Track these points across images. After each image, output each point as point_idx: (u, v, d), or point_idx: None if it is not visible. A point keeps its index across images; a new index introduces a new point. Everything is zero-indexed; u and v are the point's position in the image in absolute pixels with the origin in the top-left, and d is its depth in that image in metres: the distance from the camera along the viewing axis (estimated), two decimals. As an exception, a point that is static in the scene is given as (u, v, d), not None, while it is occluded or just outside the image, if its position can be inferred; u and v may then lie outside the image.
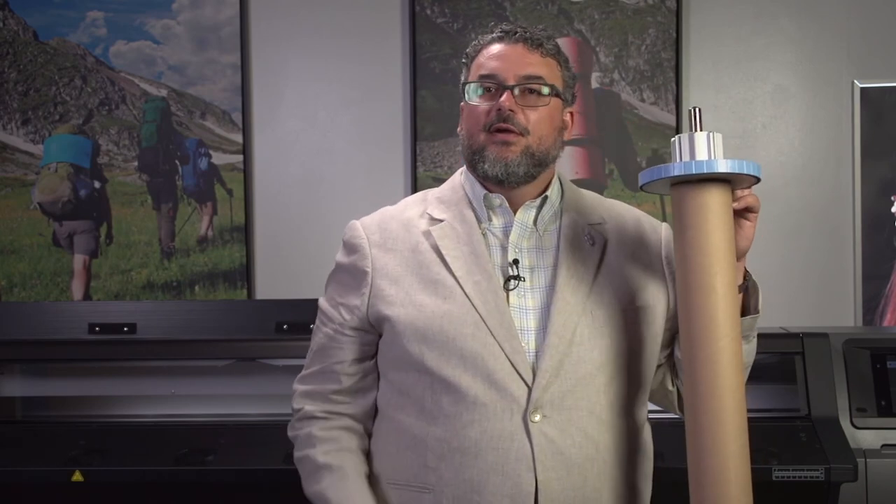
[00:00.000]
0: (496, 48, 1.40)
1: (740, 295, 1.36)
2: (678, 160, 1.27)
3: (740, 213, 1.32)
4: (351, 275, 1.45)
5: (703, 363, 1.25)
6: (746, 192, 1.31)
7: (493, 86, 1.38)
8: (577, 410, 1.35)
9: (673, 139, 1.30)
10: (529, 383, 1.33)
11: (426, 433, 1.36)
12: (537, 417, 1.32)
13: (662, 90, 2.94)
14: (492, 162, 1.37)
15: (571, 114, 1.47)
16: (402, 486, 1.38)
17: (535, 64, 1.39)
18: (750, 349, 1.44)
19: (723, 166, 1.24)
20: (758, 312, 1.39)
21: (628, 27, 2.94)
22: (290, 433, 1.51)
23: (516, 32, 1.40)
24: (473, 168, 1.42)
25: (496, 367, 1.33)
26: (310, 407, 1.47)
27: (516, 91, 1.37)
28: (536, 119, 1.38)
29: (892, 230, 2.88)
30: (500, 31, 1.42)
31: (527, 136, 1.37)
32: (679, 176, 1.26)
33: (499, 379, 1.33)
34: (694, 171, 1.24)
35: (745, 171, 1.25)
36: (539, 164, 1.39)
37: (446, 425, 1.34)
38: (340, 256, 1.49)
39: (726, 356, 1.25)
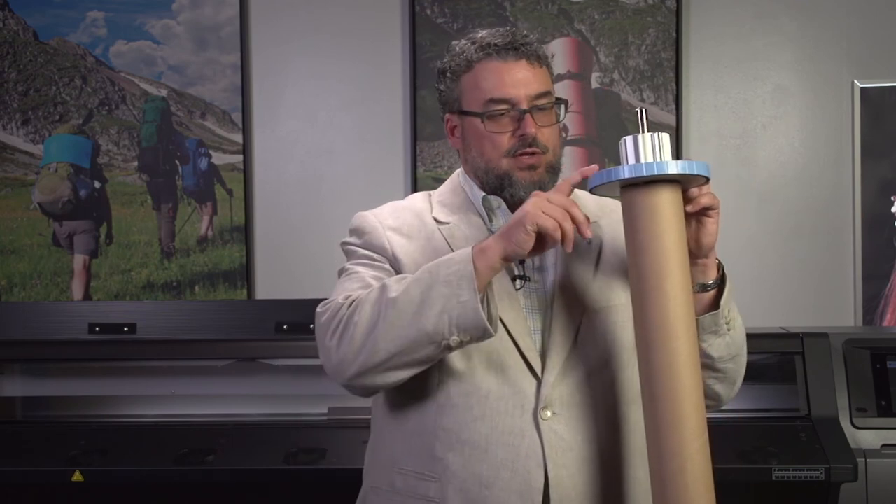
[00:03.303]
0: (496, 66, 1.38)
1: (714, 291, 1.35)
2: (626, 162, 1.25)
3: (700, 212, 1.29)
4: (370, 248, 1.41)
5: (659, 365, 1.24)
6: (704, 189, 1.28)
7: (505, 110, 1.37)
8: (584, 407, 1.36)
9: (620, 141, 1.28)
10: (539, 380, 1.34)
11: (434, 423, 1.35)
12: (548, 414, 1.33)
13: (662, 90, 2.94)
14: (525, 188, 1.37)
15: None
16: (408, 473, 1.38)
17: (539, 78, 1.39)
18: (726, 343, 1.38)
19: (672, 168, 1.22)
20: (718, 308, 1.34)
21: (628, 27, 2.94)
22: (325, 316, 1.31)
23: (517, 49, 1.38)
24: (499, 191, 1.40)
25: (510, 364, 1.34)
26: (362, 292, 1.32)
27: (532, 112, 1.37)
28: (551, 134, 1.40)
29: (892, 230, 2.88)
30: (495, 46, 1.38)
31: (547, 153, 1.39)
32: (628, 179, 1.24)
33: (511, 375, 1.34)
34: (644, 174, 1.22)
35: (694, 172, 1.23)
36: (557, 172, 1.42)
37: (454, 416, 1.34)
38: (351, 238, 1.45)
39: (682, 357, 1.23)
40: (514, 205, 1.40)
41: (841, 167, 2.91)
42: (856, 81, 2.89)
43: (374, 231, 1.42)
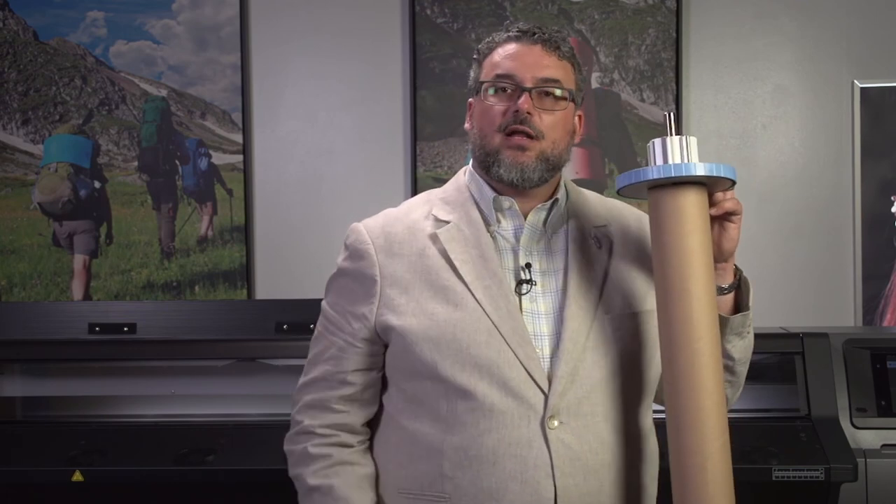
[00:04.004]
0: (512, 48, 1.38)
1: (732, 293, 1.38)
2: (654, 164, 1.28)
3: (723, 217, 1.32)
4: (358, 281, 1.41)
5: (682, 364, 1.26)
6: (728, 195, 1.31)
7: (509, 86, 1.37)
8: (592, 416, 1.34)
9: (648, 143, 1.30)
10: (546, 390, 1.32)
11: (442, 442, 1.34)
12: (555, 424, 1.32)
13: (662, 90, 2.94)
14: (507, 167, 1.36)
15: (580, 116, 1.45)
16: (416, 496, 1.36)
17: (553, 66, 1.37)
18: (745, 345, 1.43)
19: (699, 170, 1.25)
20: (748, 309, 1.39)
21: (628, 27, 2.94)
22: (286, 446, 1.48)
23: (534, 33, 1.38)
24: (486, 169, 1.39)
25: (511, 375, 1.32)
26: (309, 421, 1.44)
27: (533, 93, 1.35)
28: (551, 123, 1.37)
29: (892, 230, 2.88)
30: (517, 31, 1.39)
31: (541, 140, 1.35)
32: (656, 179, 1.26)
33: (514, 386, 1.32)
34: (672, 175, 1.25)
35: (721, 175, 1.26)
36: (553, 168, 1.38)
37: (463, 433, 1.33)
38: (344, 261, 1.45)
39: (704, 357, 1.26)
40: (518, 198, 1.40)
41: (841, 167, 2.91)
42: (856, 81, 2.89)
43: (366, 257, 1.41)
